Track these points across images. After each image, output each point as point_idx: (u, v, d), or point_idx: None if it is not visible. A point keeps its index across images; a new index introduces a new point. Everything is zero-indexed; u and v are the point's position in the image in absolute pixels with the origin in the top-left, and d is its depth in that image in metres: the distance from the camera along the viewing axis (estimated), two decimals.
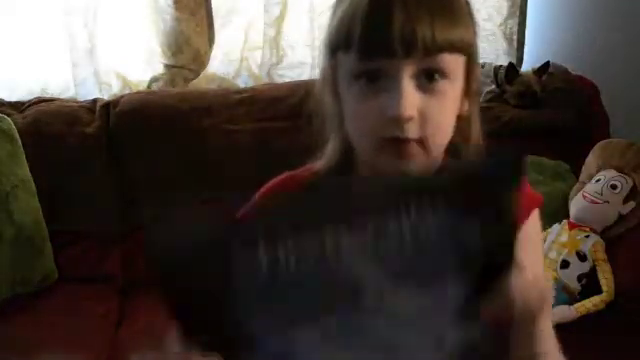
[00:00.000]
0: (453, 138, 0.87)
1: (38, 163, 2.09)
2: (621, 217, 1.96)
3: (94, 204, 2.15)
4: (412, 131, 0.81)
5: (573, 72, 2.46)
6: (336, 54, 0.85)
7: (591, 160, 2.10)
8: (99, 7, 2.30)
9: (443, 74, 0.82)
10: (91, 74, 2.35)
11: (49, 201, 2.08)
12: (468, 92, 0.86)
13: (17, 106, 2.23)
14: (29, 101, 2.26)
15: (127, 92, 2.36)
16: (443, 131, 0.84)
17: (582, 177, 2.10)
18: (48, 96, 2.31)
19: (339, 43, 0.83)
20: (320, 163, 0.94)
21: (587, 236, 1.90)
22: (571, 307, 1.80)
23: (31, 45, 2.30)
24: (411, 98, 0.80)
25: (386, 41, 0.79)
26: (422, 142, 0.83)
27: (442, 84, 0.82)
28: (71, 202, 2.14)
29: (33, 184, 2.05)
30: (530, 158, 2.18)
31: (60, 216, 2.11)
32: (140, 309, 1.99)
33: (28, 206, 2.02)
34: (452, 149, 0.89)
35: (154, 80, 2.40)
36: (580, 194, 2.01)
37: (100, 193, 2.16)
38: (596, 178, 2.01)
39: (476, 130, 0.90)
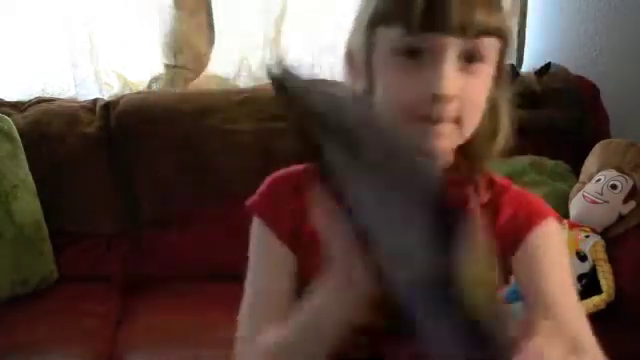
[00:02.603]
0: (483, 124, 0.87)
1: (38, 163, 2.09)
2: (621, 217, 1.96)
3: (94, 204, 2.15)
4: (449, 111, 0.81)
5: (573, 72, 2.46)
6: (375, 29, 0.83)
7: (591, 160, 2.10)
8: (99, 7, 2.30)
9: (482, 57, 0.82)
10: (91, 74, 2.35)
11: (49, 201, 2.07)
12: (498, 77, 0.87)
13: (17, 106, 2.23)
14: (29, 101, 2.26)
15: (127, 92, 2.36)
16: (477, 112, 0.85)
17: (582, 177, 2.09)
18: (48, 96, 2.31)
19: (385, 14, 0.82)
20: None
21: (587, 236, 1.90)
22: None
23: (31, 45, 2.30)
24: (453, 77, 0.80)
25: (444, 18, 0.78)
26: (457, 121, 0.83)
27: (480, 67, 0.82)
28: (71, 202, 2.14)
29: (33, 184, 2.05)
30: (530, 158, 2.18)
31: (60, 216, 2.11)
32: (140, 309, 1.99)
33: (28, 206, 2.02)
34: (464, 146, 0.88)
35: (154, 80, 2.40)
36: (580, 194, 2.01)
37: (100, 193, 2.16)
38: (596, 178, 2.01)
39: (505, 117, 0.90)
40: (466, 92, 0.82)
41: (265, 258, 0.95)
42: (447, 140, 0.83)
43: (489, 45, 0.82)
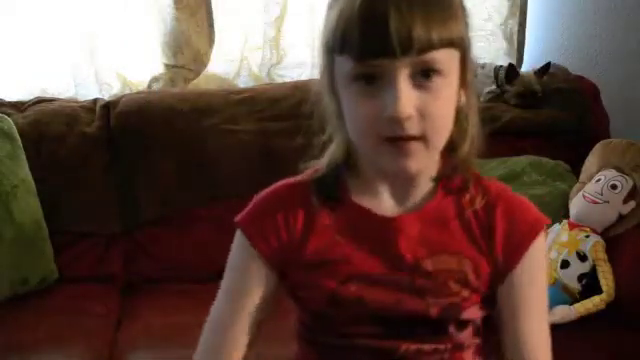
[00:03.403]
0: (452, 131, 0.88)
1: (38, 163, 2.09)
2: (621, 217, 1.96)
3: (94, 204, 2.15)
4: (412, 129, 0.82)
5: (573, 72, 2.46)
6: (332, 55, 0.85)
7: (591, 160, 2.10)
8: (99, 7, 2.30)
9: (439, 71, 0.82)
10: (91, 74, 2.35)
11: (49, 201, 2.07)
12: (464, 84, 0.87)
13: (17, 106, 2.23)
14: (29, 101, 2.26)
15: (127, 92, 2.36)
16: (443, 126, 0.85)
17: (582, 177, 2.09)
18: (48, 96, 2.31)
19: (335, 45, 0.84)
20: (322, 162, 0.94)
21: (587, 236, 1.90)
22: (571, 307, 1.80)
23: (31, 45, 2.30)
24: (408, 97, 0.81)
25: (382, 42, 0.80)
26: (423, 138, 0.83)
27: (438, 80, 0.83)
28: (71, 202, 2.13)
29: (33, 184, 2.05)
30: (530, 158, 2.18)
31: (60, 216, 2.11)
32: (140, 309, 1.99)
33: (28, 206, 2.02)
34: (450, 147, 0.90)
35: (154, 80, 2.40)
36: (580, 194, 2.01)
37: (100, 193, 2.16)
38: (596, 178, 2.01)
39: (474, 121, 0.91)
40: (426, 110, 0.82)
41: (241, 272, 0.95)
42: (416, 158, 0.84)
43: (444, 57, 0.82)
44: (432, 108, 0.83)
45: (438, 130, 0.85)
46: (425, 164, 0.88)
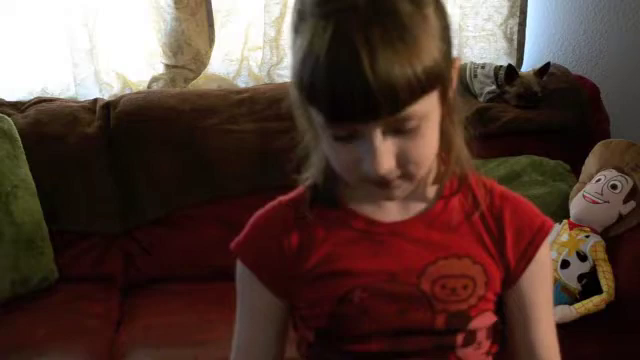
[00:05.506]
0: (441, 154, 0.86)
1: (38, 163, 2.09)
2: (621, 217, 1.96)
3: (94, 204, 2.15)
4: (393, 174, 0.79)
5: (573, 72, 2.46)
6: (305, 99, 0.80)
7: (591, 160, 2.10)
8: (99, 7, 2.30)
9: (416, 119, 0.77)
10: (91, 74, 2.35)
11: (49, 201, 2.08)
12: (447, 112, 0.82)
13: (17, 106, 2.23)
14: (29, 101, 2.26)
15: (127, 92, 2.36)
16: (426, 162, 0.81)
17: (582, 177, 2.09)
18: (48, 96, 2.31)
19: (303, 94, 0.79)
20: (307, 178, 0.91)
21: (587, 236, 1.90)
22: (571, 307, 1.80)
23: (31, 45, 2.30)
24: (386, 152, 0.77)
25: (349, 109, 0.74)
26: (406, 176, 0.80)
27: (418, 127, 0.77)
28: (71, 202, 2.14)
29: (33, 184, 2.05)
30: (530, 158, 2.18)
31: (60, 216, 2.11)
32: (140, 309, 1.99)
33: (28, 206, 2.02)
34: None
35: (154, 80, 2.40)
36: (580, 194, 2.01)
37: (100, 193, 2.16)
38: (596, 178, 2.01)
39: (458, 139, 0.86)
40: (408, 154, 0.78)
41: (250, 307, 0.94)
42: (401, 190, 0.82)
43: (422, 105, 0.76)
44: (413, 151, 0.78)
45: (420, 167, 0.80)
46: (413, 189, 0.84)
